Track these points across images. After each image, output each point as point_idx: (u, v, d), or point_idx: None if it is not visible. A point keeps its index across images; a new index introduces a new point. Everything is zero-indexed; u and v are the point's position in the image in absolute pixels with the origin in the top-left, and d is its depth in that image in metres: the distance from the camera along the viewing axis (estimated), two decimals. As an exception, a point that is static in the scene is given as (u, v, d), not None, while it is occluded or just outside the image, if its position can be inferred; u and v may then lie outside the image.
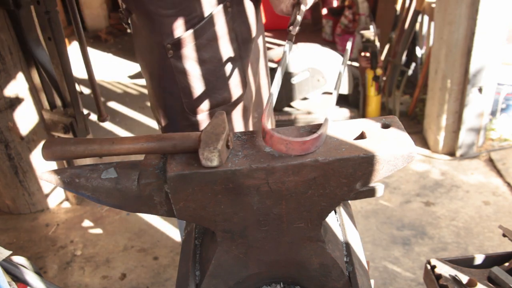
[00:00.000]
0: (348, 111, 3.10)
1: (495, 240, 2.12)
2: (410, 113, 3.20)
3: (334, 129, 0.85)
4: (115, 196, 0.82)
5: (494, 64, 2.44)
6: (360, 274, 0.93)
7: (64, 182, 0.81)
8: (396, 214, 2.34)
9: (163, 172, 0.81)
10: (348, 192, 0.81)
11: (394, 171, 0.81)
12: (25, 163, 2.40)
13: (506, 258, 1.23)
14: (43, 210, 2.58)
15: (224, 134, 0.77)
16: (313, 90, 3.01)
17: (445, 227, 2.23)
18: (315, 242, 0.88)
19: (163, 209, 0.84)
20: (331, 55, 2.97)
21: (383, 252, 2.10)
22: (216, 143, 0.75)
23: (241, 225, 0.84)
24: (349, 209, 1.13)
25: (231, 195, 0.80)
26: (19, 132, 2.32)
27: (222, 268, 0.90)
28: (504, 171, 2.56)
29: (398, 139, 0.81)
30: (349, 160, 0.77)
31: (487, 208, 2.33)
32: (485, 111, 2.60)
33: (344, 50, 1.03)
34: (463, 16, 2.36)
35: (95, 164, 0.85)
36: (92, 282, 2.08)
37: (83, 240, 2.34)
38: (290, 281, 0.95)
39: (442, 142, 2.75)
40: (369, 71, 3.02)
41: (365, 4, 3.98)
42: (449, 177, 2.58)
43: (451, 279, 1.16)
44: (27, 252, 2.28)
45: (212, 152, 0.75)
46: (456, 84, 2.54)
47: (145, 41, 1.27)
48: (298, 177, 0.78)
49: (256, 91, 1.47)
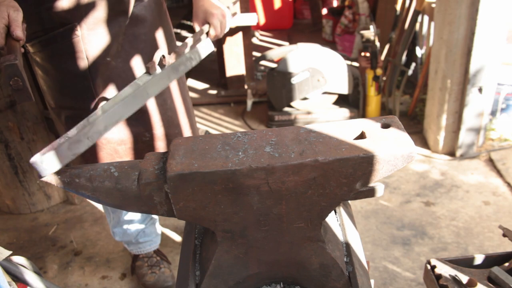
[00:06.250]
0: (348, 111, 3.11)
1: (495, 240, 2.12)
2: (410, 113, 3.20)
3: (334, 129, 0.85)
4: (115, 196, 0.82)
5: (494, 64, 2.44)
6: (360, 274, 0.93)
7: (64, 182, 0.81)
8: (396, 214, 2.34)
9: (163, 172, 0.81)
10: (348, 192, 0.82)
11: (394, 171, 0.81)
12: (25, 163, 2.40)
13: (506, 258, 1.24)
14: (43, 210, 2.58)
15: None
16: (313, 90, 3.01)
17: (445, 227, 2.23)
18: (315, 242, 0.88)
19: (163, 209, 0.84)
20: (331, 55, 2.97)
21: (383, 252, 2.10)
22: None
23: (241, 225, 0.84)
24: (349, 209, 1.13)
25: (231, 195, 0.80)
26: (19, 132, 2.32)
27: (222, 268, 0.90)
28: (504, 171, 2.56)
29: (398, 139, 0.81)
30: (349, 160, 0.77)
31: (487, 208, 2.33)
32: (485, 111, 2.60)
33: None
34: (463, 16, 2.36)
35: (95, 164, 0.85)
36: (92, 282, 2.08)
37: (83, 240, 2.34)
38: (290, 281, 0.95)
39: (442, 142, 2.75)
40: (369, 71, 3.02)
41: (365, 4, 3.98)
42: (449, 177, 2.58)
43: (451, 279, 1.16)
44: (27, 252, 2.28)
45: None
46: (456, 84, 2.54)
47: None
48: (298, 177, 0.79)
49: (149, 112, 1.51)
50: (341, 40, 4.40)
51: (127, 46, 1.40)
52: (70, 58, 1.34)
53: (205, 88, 3.93)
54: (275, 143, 0.83)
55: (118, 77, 1.41)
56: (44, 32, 1.30)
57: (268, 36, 5.24)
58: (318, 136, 0.83)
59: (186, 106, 1.65)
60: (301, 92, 3.02)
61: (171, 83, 1.56)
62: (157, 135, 1.55)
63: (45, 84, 1.43)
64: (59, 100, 1.44)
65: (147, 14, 1.42)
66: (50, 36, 1.30)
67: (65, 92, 1.42)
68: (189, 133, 1.69)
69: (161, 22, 1.50)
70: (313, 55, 2.96)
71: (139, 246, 1.98)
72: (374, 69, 3.00)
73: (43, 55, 1.35)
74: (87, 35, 1.32)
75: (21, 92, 0.88)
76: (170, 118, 1.56)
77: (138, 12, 1.39)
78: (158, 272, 1.98)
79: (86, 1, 1.27)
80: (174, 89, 1.57)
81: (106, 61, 1.37)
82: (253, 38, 5.03)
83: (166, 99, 1.53)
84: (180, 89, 1.61)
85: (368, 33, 3.13)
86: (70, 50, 1.32)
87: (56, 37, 1.30)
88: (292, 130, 0.86)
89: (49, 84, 1.42)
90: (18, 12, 1.03)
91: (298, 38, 4.94)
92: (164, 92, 1.52)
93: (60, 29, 1.29)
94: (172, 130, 1.58)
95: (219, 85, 3.92)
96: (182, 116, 1.63)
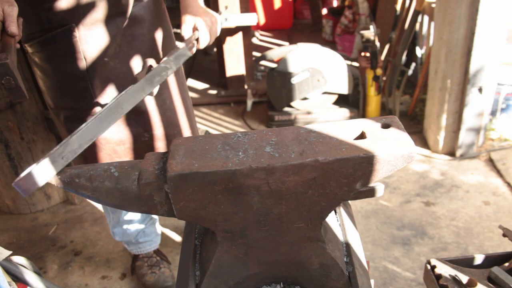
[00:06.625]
0: (348, 111, 3.11)
1: (495, 240, 2.12)
2: (410, 113, 3.20)
3: (334, 129, 0.85)
4: (115, 196, 0.82)
5: (494, 64, 2.44)
6: (360, 274, 0.93)
7: (64, 182, 0.81)
8: (396, 214, 2.34)
9: (163, 172, 0.81)
10: (348, 192, 0.82)
11: (394, 171, 0.81)
12: (25, 163, 2.40)
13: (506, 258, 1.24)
14: (43, 210, 2.58)
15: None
16: (313, 90, 3.01)
17: (445, 227, 2.23)
18: (315, 242, 0.88)
19: (163, 209, 0.84)
20: (331, 55, 2.97)
21: (383, 252, 2.10)
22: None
23: (241, 225, 0.84)
24: (349, 209, 1.13)
25: (231, 195, 0.80)
26: (19, 132, 2.32)
27: (222, 268, 0.90)
28: (504, 171, 2.56)
29: (398, 139, 0.81)
30: (349, 160, 0.77)
31: (487, 208, 2.33)
32: (485, 111, 2.60)
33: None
34: (463, 16, 2.36)
35: (95, 164, 0.85)
36: (92, 282, 2.08)
37: (83, 240, 2.34)
38: (290, 281, 0.95)
39: (442, 142, 2.75)
40: (369, 71, 3.02)
41: (365, 4, 3.98)
42: (449, 177, 2.58)
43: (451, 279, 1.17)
44: (27, 252, 2.28)
45: None
46: (456, 84, 2.54)
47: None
48: (298, 177, 0.79)
49: (148, 113, 1.51)
50: (341, 40, 4.40)
51: (125, 47, 1.40)
52: (68, 59, 1.33)
53: (205, 88, 3.93)
54: (275, 143, 0.83)
55: (116, 78, 1.41)
56: (42, 32, 1.30)
57: (268, 36, 5.24)
58: (318, 136, 0.83)
59: (185, 106, 1.65)
60: (301, 92, 3.02)
61: (172, 85, 1.57)
62: (156, 135, 1.55)
63: (44, 85, 1.43)
64: (57, 101, 1.44)
65: (145, 15, 1.41)
66: (48, 36, 1.30)
67: (64, 93, 1.42)
68: (189, 133, 1.68)
69: (160, 23, 1.49)
70: (313, 55, 2.96)
71: (139, 246, 1.98)
72: (374, 69, 3.00)
73: (41, 55, 1.35)
74: (85, 35, 1.31)
75: (14, 90, 0.87)
76: (169, 118, 1.56)
77: (136, 13, 1.39)
78: (158, 272, 1.98)
79: (84, 2, 1.27)
80: (173, 89, 1.57)
81: (104, 62, 1.37)
82: (253, 38, 5.03)
83: (165, 99, 1.53)
84: (180, 89, 1.61)
85: (368, 33, 3.13)
86: (68, 51, 1.32)
87: (54, 38, 1.30)
88: (292, 130, 0.86)
89: (47, 84, 1.42)
90: (13, 7, 1.01)
91: (298, 38, 4.95)
92: (163, 93, 1.52)
93: (58, 30, 1.29)
94: (171, 130, 1.58)
95: (219, 85, 3.92)
96: (181, 116, 1.63)
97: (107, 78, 1.39)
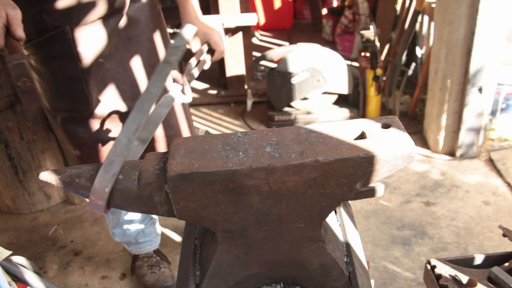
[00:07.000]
0: (348, 111, 3.11)
1: (495, 240, 2.12)
2: (410, 113, 3.20)
3: (334, 129, 0.85)
4: (115, 196, 0.82)
5: (494, 64, 2.44)
6: (360, 274, 0.93)
7: (64, 182, 0.81)
8: (396, 214, 2.34)
9: (163, 172, 0.81)
10: (349, 192, 0.81)
11: (394, 171, 0.81)
12: (25, 163, 2.40)
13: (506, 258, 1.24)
14: (43, 210, 2.58)
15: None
16: (313, 90, 3.01)
17: (445, 227, 2.23)
18: (315, 242, 0.88)
19: (163, 209, 0.84)
20: (331, 55, 2.97)
21: (383, 252, 2.10)
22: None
23: (241, 225, 0.84)
24: (349, 209, 1.13)
25: (231, 195, 0.80)
26: (19, 132, 2.32)
27: (222, 268, 0.90)
28: (504, 171, 2.56)
29: (398, 139, 0.81)
30: (349, 160, 0.77)
31: (487, 208, 2.33)
32: (485, 111, 2.60)
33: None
34: (463, 16, 2.36)
35: (95, 164, 0.85)
36: (92, 282, 2.08)
37: (83, 240, 2.34)
38: (290, 281, 0.95)
39: (442, 142, 2.75)
40: (369, 71, 3.02)
41: (365, 4, 3.98)
42: (449, 177, 2.58)
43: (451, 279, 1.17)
44: (27, 252, 2.28)
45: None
46: (456, 84, 2.54)
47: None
48: (298, 177, 0.78)
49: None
50: (341, 40, 4.40)
51: (120, 48, 1.40)
52: (63, 61, 1.33)
53: (205, 88, 3.93)
54: (275, 143, 0.83)
55: (112, 79, 1.41)
56: (37, 34, 1.29)
57: (268, 36, 5.24)
58: (318, 136, 0.83)
59: (184, 107, 1.66)
60: (301, 92, 3.02)
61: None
62: (155, 136, 1.55)
63: (40, 87, 1.43)
64: (54, 103, 1.44)
65: (141, 16, 1.41)
66: (42, 39, 1.29)
67: (60, 95, 1.41)
68: (188, 133, 1.69)
69: (156, 24, 1.49)
70: (313, 55, 2.96)
71: (139, 246, 1.98)
72: (374, 69, 3.00)
73: (36, 58, 1.34)
74: (80, 37, 1.31)
75: (29, 93, 0.82)
76: (167, 120, 1.56)
77: (132, 14, 1.39)
78: (158, 272, 1.98)
79: (78, 4, 1.26)
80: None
81: (99, 63, 1.36)
82: (253, 38, 5.03)
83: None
84: None
85: (368, 33, 3.14)
86: (62, 53, 1.31)
87: (48, 40, 1.29)
88: (293, 130, 0.86)
89: (44, 86, 1.41)
90: (17, 10, 0.99)
91: (298, 38, 4.95)
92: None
93: (52, 32, 1.28)
94: (168, 131, 1.59)
95: (219, 85, 3.92)
96: (180, 117, 1.63)
97: (103, 79, 1.40)
